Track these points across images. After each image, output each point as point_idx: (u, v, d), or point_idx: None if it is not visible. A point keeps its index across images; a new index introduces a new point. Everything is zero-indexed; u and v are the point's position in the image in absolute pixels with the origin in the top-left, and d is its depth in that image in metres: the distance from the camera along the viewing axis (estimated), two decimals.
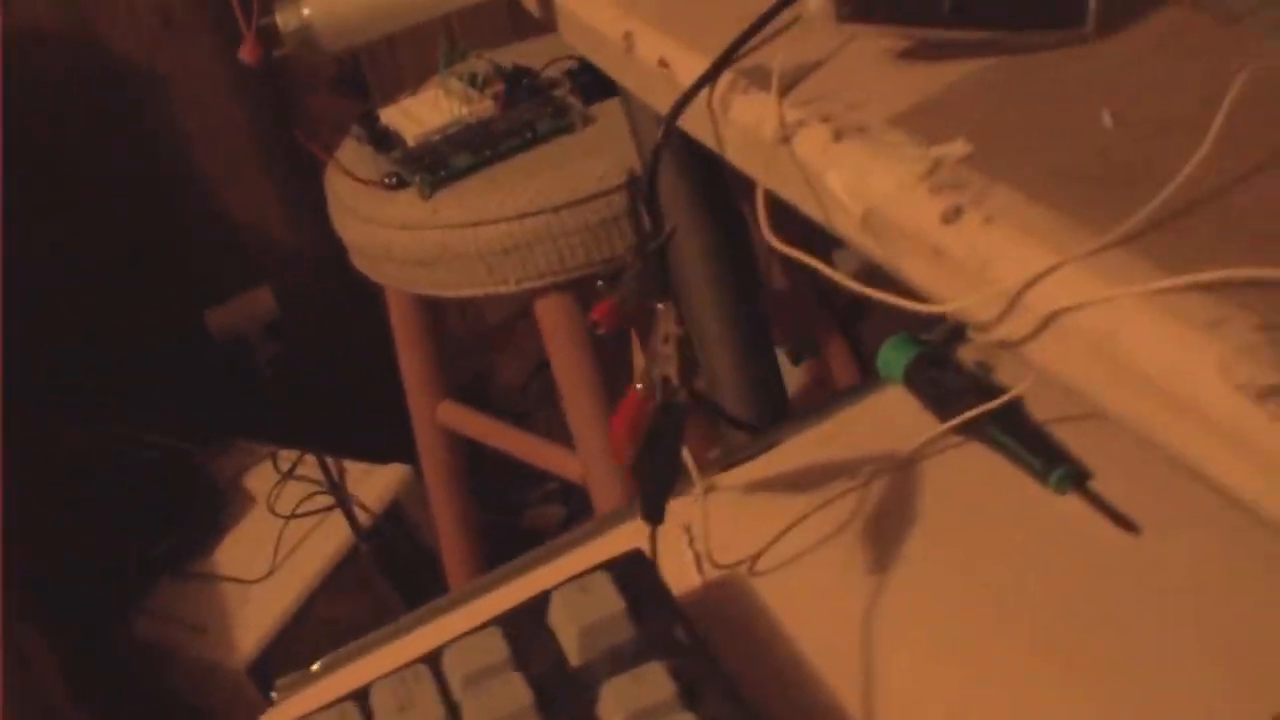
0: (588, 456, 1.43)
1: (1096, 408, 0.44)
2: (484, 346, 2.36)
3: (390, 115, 1.46)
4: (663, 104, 0.71)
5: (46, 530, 1.82)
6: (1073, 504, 0.63)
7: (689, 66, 0.68)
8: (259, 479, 1.96)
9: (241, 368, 2.16)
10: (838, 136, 0.56)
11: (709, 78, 0.65)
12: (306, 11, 0.82)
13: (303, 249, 2.20)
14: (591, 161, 1.27)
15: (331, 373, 2.20)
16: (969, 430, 0.67)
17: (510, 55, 1.49)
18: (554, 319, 1.38)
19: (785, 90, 0.61)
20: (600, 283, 0.61)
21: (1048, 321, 0.45)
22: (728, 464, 0.71)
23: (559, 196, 1.28)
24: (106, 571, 1.81)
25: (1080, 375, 0.44)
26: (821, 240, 0.61)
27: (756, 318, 0.87)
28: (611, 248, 1.31)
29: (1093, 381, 0.44)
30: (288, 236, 2.24)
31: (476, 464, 1.70)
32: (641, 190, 0.62)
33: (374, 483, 1.89)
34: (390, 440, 1.83)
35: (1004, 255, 0.47)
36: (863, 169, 0.54)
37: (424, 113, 1.44)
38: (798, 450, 0.71)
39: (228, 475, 1.98)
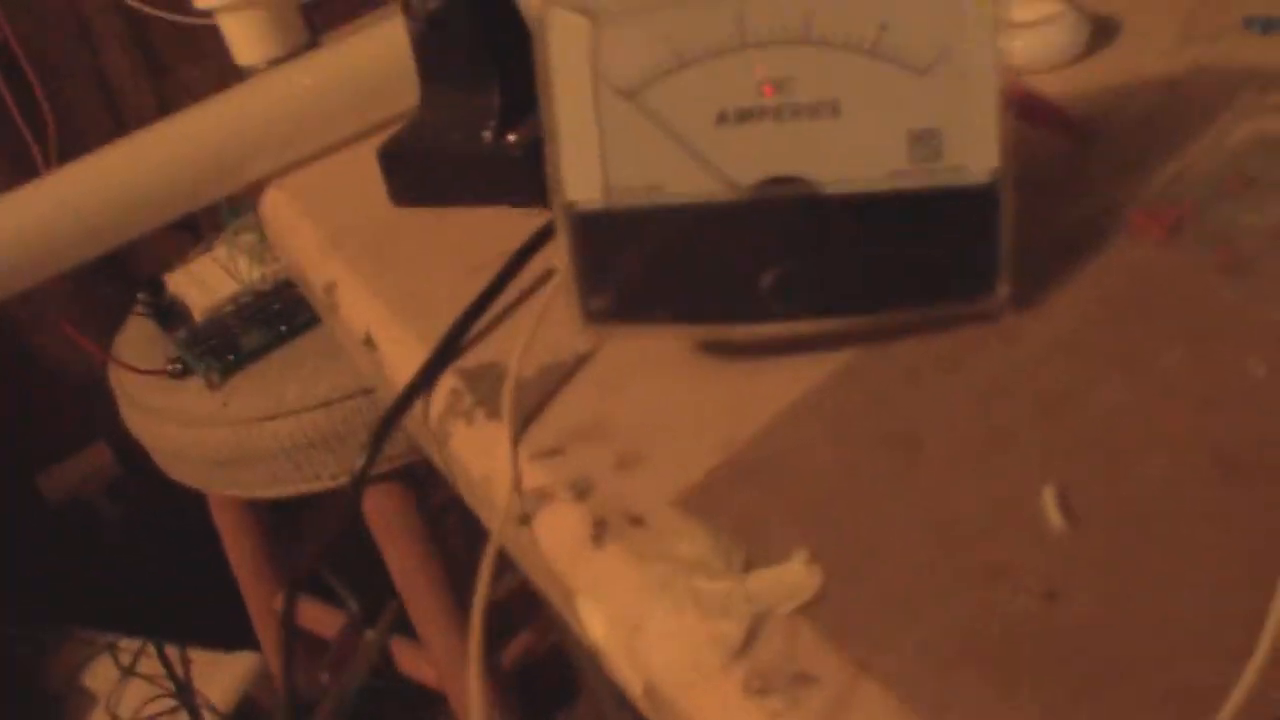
0: (439, 658, 1.20)
1: None
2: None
3: (178, 282, 1.22)
4: (382, 390, 0.48)
5: None
6: None
7: (401, 352, 0.45)
8: (99, 676, 1.70)
9: (82, 537, 1.90)
10: (598, 533, 0.34)
11: (419, 386, 0.42)
12: None
13: None
14: None
15: (178, 543, 1.94)
16: None
17: None
18: (383, 514, 1.15)
19: (525, 421, 0.38)
20: None
21: None
22: None
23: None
24: None
25: None
26: None
27: None
28: None
29: None
30: None
31: None
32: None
33: (222, 674, 1.64)
34: (239, 622, 1.58)
35: None
36: (637, 609, 0.32)
37: (213, 278, 1.20)
38: None
39: (64, 673, 1.72)
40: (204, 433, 1.11)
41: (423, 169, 0.51)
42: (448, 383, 0.42)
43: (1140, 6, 0.49)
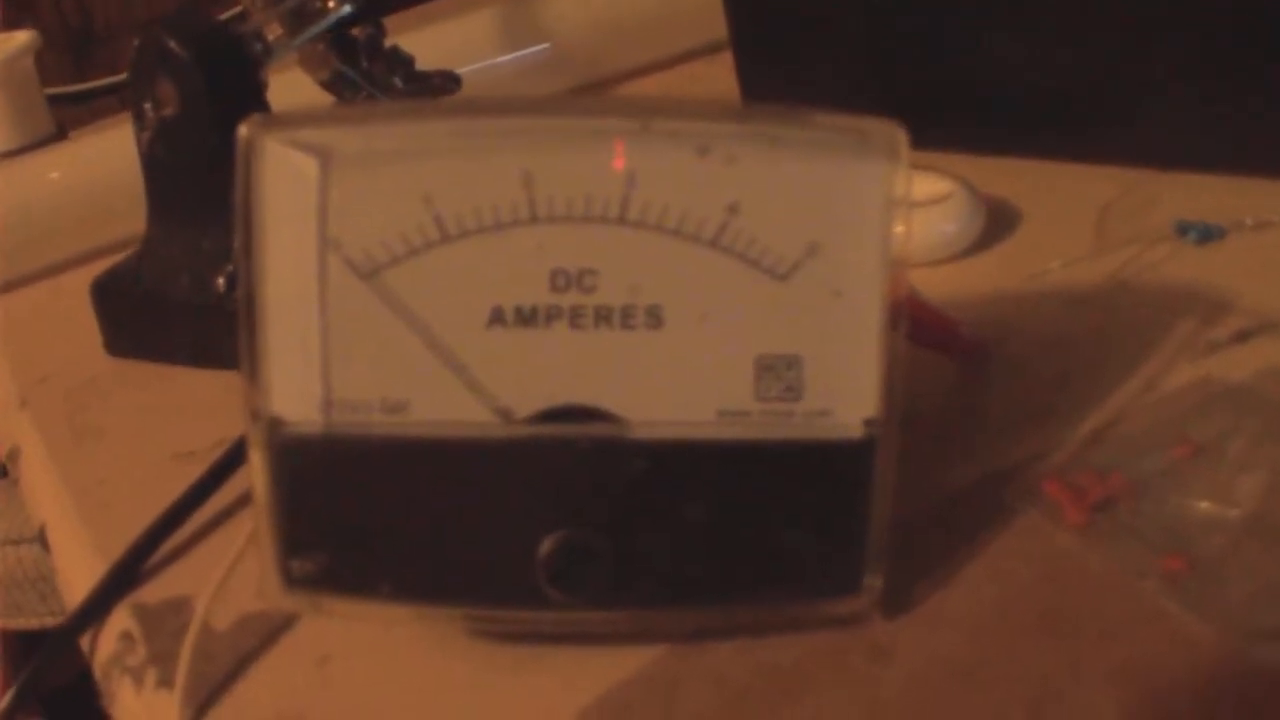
0: None
1: None
2: None
3: None
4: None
5: None
6: None
7: (75, 564, 0.34)
8: None
9: None
10: None
11: (83, 622, 0.31)
12: None
13: None
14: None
15: None
16: None
17: None
18: None
19: (206, 697, 0.27)
20: None
21: None
22: None
23: None
24: None
25: None
26: None
27: None
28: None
29: None
30: None
31: None
32: None
33: None
34: None
35: None
36: None
37: None
38: None
39: None
40: None
41: (141, 315, 0.40)
42: (120, 620, 0.31)
43: (1045, 191, 0.40)
